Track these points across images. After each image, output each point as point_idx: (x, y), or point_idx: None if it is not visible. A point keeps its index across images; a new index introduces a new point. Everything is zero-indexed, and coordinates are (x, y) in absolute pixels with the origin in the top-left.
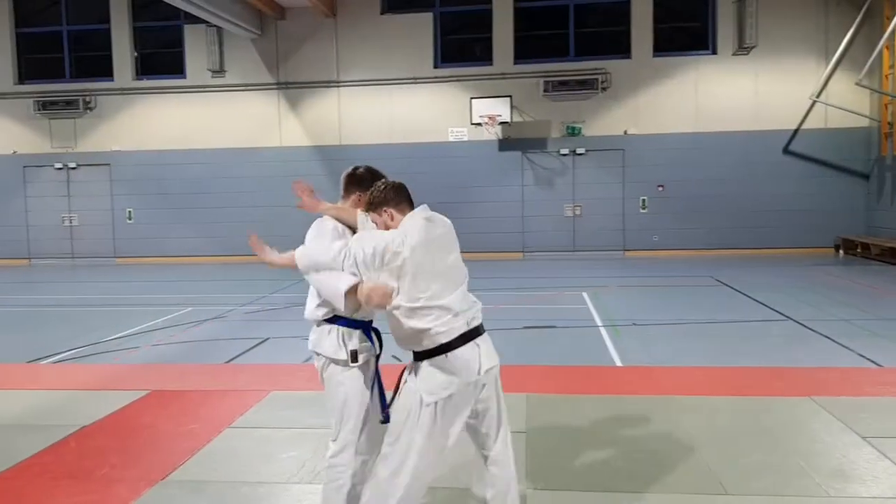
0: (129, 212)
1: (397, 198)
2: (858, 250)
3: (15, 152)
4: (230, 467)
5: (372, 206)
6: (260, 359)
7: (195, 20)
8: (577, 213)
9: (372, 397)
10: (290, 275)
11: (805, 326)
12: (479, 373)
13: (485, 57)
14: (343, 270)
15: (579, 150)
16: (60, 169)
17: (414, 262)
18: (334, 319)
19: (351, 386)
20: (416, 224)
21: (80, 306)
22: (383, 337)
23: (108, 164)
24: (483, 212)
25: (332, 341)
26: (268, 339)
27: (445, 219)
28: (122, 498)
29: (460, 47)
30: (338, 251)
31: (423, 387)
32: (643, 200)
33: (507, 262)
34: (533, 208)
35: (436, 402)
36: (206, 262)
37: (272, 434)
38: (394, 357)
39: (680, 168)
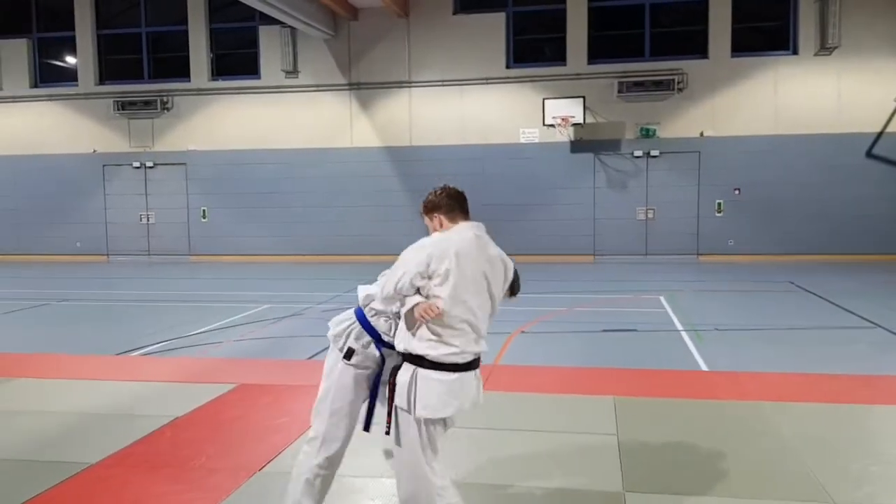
0: (204, 210)
1: (450, 204)
2: None
3: (95, 151)
4: None
5: (425, 209)
6: None
7: (270, 21)
8: (650, 216)
9: (358, 402)
10: (364, 274)
11: (895, 334)
12: (472, 404)
13: (557, 57)
14: (399, 295)
15: (653, 153)
16: (138, 168)
17: (457, 269)
18: (360, 314)
19: (337, 380)
20: (465, 235)
21: (160, 301)
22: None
23: (183, 164)
24: (554, 214)
25: (338, 330)
26: None
27: (503, 253)
28: (223, 487)
29: (533, 48)
30: (382, 286)
31: (421, 400)
32: (719, 204)
33: (578, 265)
34: (605, 211)
35: (428, 419)
36: (278, 261)
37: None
38: None
39: (757, 171)
